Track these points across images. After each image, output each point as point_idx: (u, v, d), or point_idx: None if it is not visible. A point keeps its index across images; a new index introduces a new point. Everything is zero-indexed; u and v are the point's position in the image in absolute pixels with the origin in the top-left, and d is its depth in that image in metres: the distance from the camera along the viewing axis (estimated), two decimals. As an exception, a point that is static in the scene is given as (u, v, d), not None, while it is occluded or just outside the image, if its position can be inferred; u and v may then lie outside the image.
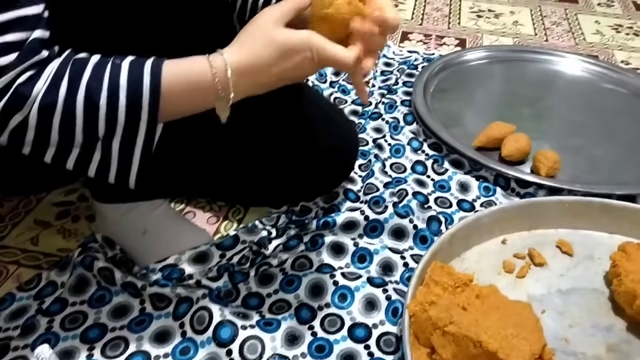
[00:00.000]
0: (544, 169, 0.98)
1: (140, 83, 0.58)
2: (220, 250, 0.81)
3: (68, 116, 0.56)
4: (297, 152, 0.86)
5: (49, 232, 0.87)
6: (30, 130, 0.56)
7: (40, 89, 0.55)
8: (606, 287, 0.80)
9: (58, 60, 0.57)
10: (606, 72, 1.32)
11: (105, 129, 0.58)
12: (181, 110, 0.62)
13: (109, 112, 0.57)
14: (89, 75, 0.57)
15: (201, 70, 0.60)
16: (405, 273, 0.82)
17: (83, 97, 0.56)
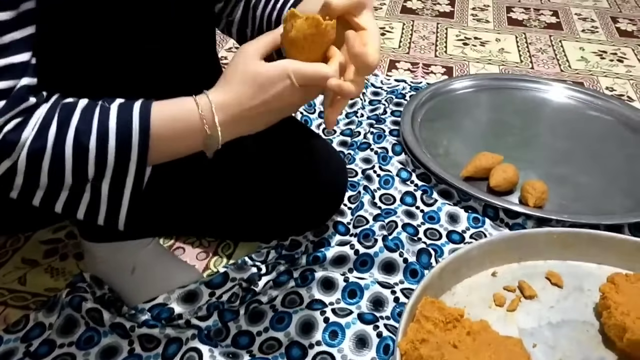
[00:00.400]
0: (532, 199, 0.98)
1: (129, 125, 0.58)
2: (209, 288, 0.80)
3: (57, 160, 0.57)
4: (286, 187, 0.86)
5: (37, 271, 0.86)
6: (19, 175, 0.56)
7: (28, 135, 0.55)
8: (596, 320, 0.80)
9: (46, 105, 0.57)
10: (591, 99, 1.34)
11: (94, 171, 0.58)
12: (171, 151, 0.62)
13: (98, 155, 0.57)
14: (78, 119, 0.57)
15: (188, 111, 0.60)
16: (396, 308, 0.81)
17: (72, 140, 0.56)
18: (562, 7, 1.97)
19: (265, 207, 0.86)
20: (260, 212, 0.86)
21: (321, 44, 0.60)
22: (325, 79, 0.59)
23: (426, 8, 1.90)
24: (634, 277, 0.82)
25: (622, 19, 1.90)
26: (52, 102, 0.58)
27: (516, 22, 1.84)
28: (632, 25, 1.86)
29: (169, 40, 0.67)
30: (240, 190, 0.84)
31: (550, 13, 1.91)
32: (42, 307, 0.78)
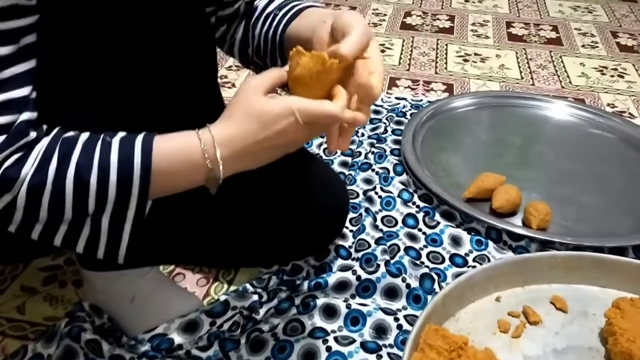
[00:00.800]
0: (535, 221, 0.98)
1: (131, 160, 0.57)
2: (210, 317, 0.79)
3: (57, 195, 0.56)
4: (286, 212, 0.85)
5: (36, 299, 0.85)
6: (18, 210, 0.56)
7: (28, 171, 0.55)
8: (602, 345, 0.79)
9: (46, 139, 0.57)
10: (593, 117, 1.33)
11: (95, 206, 0.58)
12: (172, 186, 0.62)
13: (99, 190, 0.57)
14: (79, 154, 0.57)
15: (191, 146, 0.60)
16: (399, 336, 0.80)
17: (73, 175, 0.56)
18: (561, 22, 1.97)
19: (265, 233, 0.85)
20: (260, 238, 0.85)
21: (326, 82, 0.60)
22: (331, 117, 0.58)
23: (426, 24, 1.90)
24: (639, 302, 0.81)
25: (622, 34, 1.90)
26: (53, 135, 0.57)
27: (516, 37, 1.84)
28: (632, 40, 1.86)
29: (170, 68, 0.67)
30: (240, 216, 0.83)
31: (550, 28, 1.91)
32: (41, 337, 0.77)
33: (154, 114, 0.65)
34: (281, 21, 0.76)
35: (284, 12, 0.77)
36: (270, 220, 0.85)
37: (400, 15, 1.96)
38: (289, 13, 0.76)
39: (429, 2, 2.08)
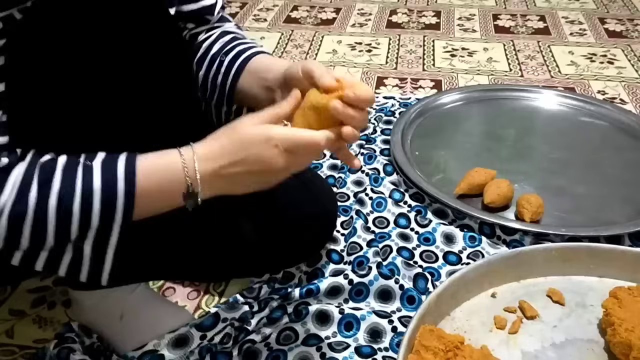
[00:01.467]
0: (528, 214, 0.96)
1: (114, 186, 0.56)
2: (200, 331, 0.78)
3: (39, 223, 0.55)
4: (275, 221, 0.84)
5: (25, 322, 0.84)
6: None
7: (7, 199, 0.53)
8: (601, 337, 0.78)
9: (22, 165, 0.55)
10: (583, 105, 1.32)
11: (78, 232, 0.57)
12: (154, 206, 0.61)
13: (82, 217, 0.56)
14: (60, 180, 0.55)
15: (172, 161, 0.59)
16: (394, 338, 0.79)
17: (55, 202, 0.55)
18: (548, 11, 1.96)
19: (254, 243, 0.84)
20: (249, 249, 0.84)
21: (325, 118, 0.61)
22: (313, 146, 0.59)
23: (412, 21, 1.89)
24: (637, 290, 0.80)
25: (610, 20, 1.89)
26: (29, 161, 0.56)
27: (503, 29, 1.82)
28: (620, 25, 1.85)
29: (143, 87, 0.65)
30: (228, 228, 0.82)
31: (537, 18, 1.90)
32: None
33: (128, 132, 0.64)
34: (229, 70, 0.76)
35: (231, 59, 0.76)
36: (258, 230, 0.84)
37: (386, 13, 1.95)
38: (236, 61, 0.76)
39: (415, -1, 2.08)
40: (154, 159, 0.60)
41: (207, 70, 0.78)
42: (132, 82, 0.63)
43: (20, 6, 0.54)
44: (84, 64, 0.59)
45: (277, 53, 1.68)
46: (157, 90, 0.66)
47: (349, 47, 1.71)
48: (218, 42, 0.79)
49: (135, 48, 0.63)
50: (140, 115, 0.65)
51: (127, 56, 0.62)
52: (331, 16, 1.94)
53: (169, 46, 0.69)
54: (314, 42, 1.75)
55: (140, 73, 0.64)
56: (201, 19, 0.79)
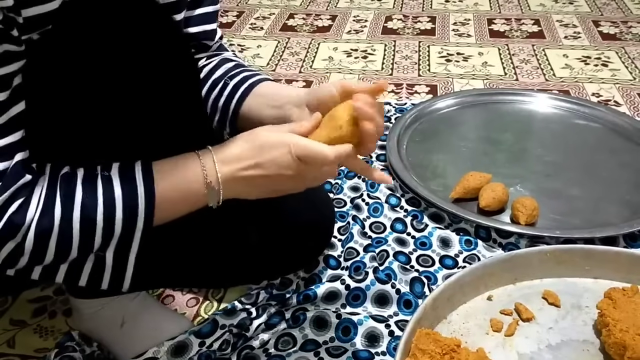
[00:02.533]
0: (523, 217, 0.97)
1: (134, 193, 0.58)
2: (199, 338, 0.79)
3: (65, 236, 0.56)
4: (274, 229, 0.85)
5: (26, 332, 0.85)
6: (25, 254, 0.56)
7: (33, 215, 0.55)
8: (596, 337, 0.79)
9: (44, 180, 0.57)
10: (578, 107, 1.33)
11: (101, 242, 0.58)
12: (174, 211, 0.63)
13: (105, 227, 0.57)
14: (82, 193, 0.57)
15: (190, 164, 0.62)
16: (391, 342, 0.80)
17: (79, 215, 0.56)
18: (543, 14, 1.97)
19: (252, 251, 0.84)
20: (247, 257, 0.85)
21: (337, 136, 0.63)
22: (323, 159, 0.61)
23: (407, 27, 1.90)
24: (631, 291, 0.81)
25: (604, 22, 1.90)
26: (49, 175, 0.57)
27: (498, 33, 1.84)
28: (614, 27, 1.86)
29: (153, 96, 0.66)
30: (226, 236, 0.82)
31: (531, 22, 1.92)
32: (31, 369, 0.77)
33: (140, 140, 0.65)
34: (234, 93, 0.78)
35: (236, 83, 0.78)
36: (257, 237, 0.85)
37: (381, 20, 1.96)
38: (241, 87, 0.78)
39: (410, 5, 2.09)
40: (172, 163, 0.62)
41: (208, 93, 0.80)
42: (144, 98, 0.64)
43: (42, 30, 0.55)
44: (98, 80, 0.60)
45: (274, 61, 1.69)
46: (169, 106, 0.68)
47: (344, 54, 1.73)
48: (221, 67, 0.81)
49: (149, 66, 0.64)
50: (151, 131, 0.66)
51: (140, 73, 0.63)
52: (327, 23, 1.95)
53: (181, 65, 0.70)
54: (310, 49, 1.76)
55: (153, 91, 0.65)
56: (200, 45, 0.80)
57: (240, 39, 1.85)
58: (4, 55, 0.53)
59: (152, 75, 0.64)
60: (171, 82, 0.66)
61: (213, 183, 0.61)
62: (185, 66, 0.69)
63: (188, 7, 0.74)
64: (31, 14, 0.53)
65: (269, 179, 0.63)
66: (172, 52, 0.66)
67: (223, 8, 2.08)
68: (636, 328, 0.74)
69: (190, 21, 0.76)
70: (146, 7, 0.62)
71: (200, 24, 0.78)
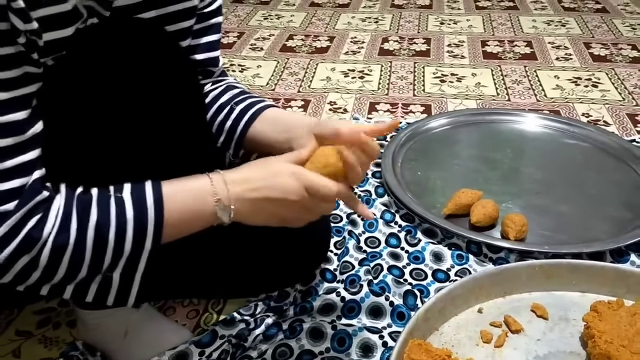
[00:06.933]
0: (512, 233, 1.00)
1: (144, 213, 0.60)
2: (199, 347, 0.82)
3: (78, 253, 0.58)
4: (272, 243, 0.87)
5: (31, 342, 0.87)
6: (38, 270, 0.57)
7: (50, 231, 0.57)
8: (582, 349, 0.81)
9: (61, 198, 0.59)
10: (568, 127, 1.37)
11: (110, 261, 0.60)
12: (182, 230, 0.65)
13: (116, 246, 0.60)
14: (97, 212, 0.59)
15: (201, 185, 0.64)
16: (385, 353, 0.83)
17: (93, 233, 0.58)
18: (535, 36, 2.02)
19: (251, 266, 0.87)
20: (246, 271, 0.88)
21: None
22: (326, 193, 0.65)
23: (403, 48, 1.95)
24: (616, 304, 0.84)
25: (595, 44, 1.95)
26: (65, 194, 0.60)
27: (491, 55, 1.89)
28: (605, 49, 1.91)
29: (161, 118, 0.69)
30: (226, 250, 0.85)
31: (524, 44, 1.97)
32: (37, 378, 0.80)
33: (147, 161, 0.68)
34: (241, 117, 0.82)
35: (243, 108, 0.82)
36: (255, 253, 0.87)
37: (378, 41, 2.01)
38: (248, 111, 0.82)
39: (406, 27, 2.14)
40: (182, 182, 0.64)
41: (214, 116, 0.83)
42: (152, 121, 0.68)
43: (56, 55, 0.59)
44: (107, 104, 0.63)
45: (273, 80, 1.74)
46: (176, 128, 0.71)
47: (342, 74, 1.77)
48: (227, 93, 0.85)
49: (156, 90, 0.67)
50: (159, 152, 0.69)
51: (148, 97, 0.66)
52: (325, 44, 2.00)
53: (188, 89, 0.74)
54: (308, 69, 1.81)
55: (161, 113, 0.68)
56: (206, 71, 0.84)
57: (240, 59, 1.89)
58: (25, 77, 0.56)
59: (160, 98, 0.67)
60: (178, 105, 0.70)
61: (223, 200, 0.63)
62: (191, 90, 0.73)
63: (194, 35, 0.78)
64: (49, 38, 0.57)
65: (274, 204, 0.65)
66: (178, 76, 0.70)
67: (224, 29, 2.13)
68: (620, 339, 0.77)
69: (196, 49, 0.80)
70: (155, 35, 0.66)
71: (206, 52, 0.82)
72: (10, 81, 0.55)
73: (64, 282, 0.60)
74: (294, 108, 1.57)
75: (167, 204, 0.62)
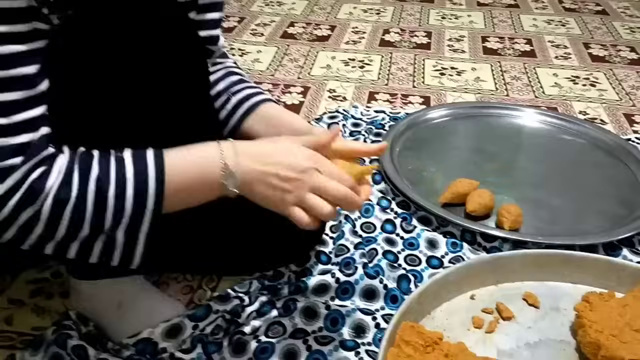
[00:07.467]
0: (507, 222, 1.01)
1: (145, 173, 0.60)
2: (193, 321, 0.82)
3: (79, 209, 0.58)
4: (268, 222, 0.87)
5: (23, 311, 0.87)
6: (40, 223, 0.57)
7: (52, 184, 0.57)
8: (572, 338, 0.82)
9: (64, 156, 0.60)
10: (565, 124, 1.38)
11: (112, 220, 0.60)
12: (187, 198, 0.64)
13: (117, 202, 0.59)
14: (97, 169, 0.59)
15: (208, 151, 0.64)
16: (377, 334, 0.83)
17: (94, 189, 0.58)
18: (535, 35, 2.03)
19: (246, 245, 0.87)
20: (242, 250, 0.88)
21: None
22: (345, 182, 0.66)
23: (404, 40, 1.95)
24: (608, 296, 0.85)
25: (594, 45, 1.96)
26: (69, 152, 0.60)
27: (491, 51, 1.89)
28: (603, 50, 1.92)
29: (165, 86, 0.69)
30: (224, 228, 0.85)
31: (524, 41, 1.97)
32: (29, 346, 0.79)
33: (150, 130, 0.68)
34: (236, 109, 0.82)
35: (240, 100, 0.83)
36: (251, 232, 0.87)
37: (379, 33, 2.01)
38: (244, 104, 0.83)
39: (407, 19, 2.14)
40: (188, 148, 0.64)
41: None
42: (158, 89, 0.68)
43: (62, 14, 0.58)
44: (113, 68, 0.63)
45: (273, 66, 1.74)
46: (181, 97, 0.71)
47: (342, 63, 1.77)
48: (225, 80, 0.85)
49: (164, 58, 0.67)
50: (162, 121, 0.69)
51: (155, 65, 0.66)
52: (326, 33, 2.00)
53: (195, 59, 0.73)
54: (309, 57, 1.81)
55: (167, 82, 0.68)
56: (206, 50, 0.83)
57: (240, 43, 1.89)
58: (34, 32, 0.56)
59: (167, 67, 0.67)
60: (184, 74, 0.70)
61: (230, 167, 0.63)
62: (198, 62, 0.73)
63: (197, 11, 0.78)
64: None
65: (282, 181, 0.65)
66: (186, 46, 0.69)
67: (225, 13, 2.12)
68: (610, 329, 0.78)
69: (197, 25, 0.79)
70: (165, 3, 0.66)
71: (207, 29, 0.82)
72: (22, 35, 0.55)
73: (67, 240, 0.60)
74: (293, 94, 1.57)
75: (169, 164, 0.61)
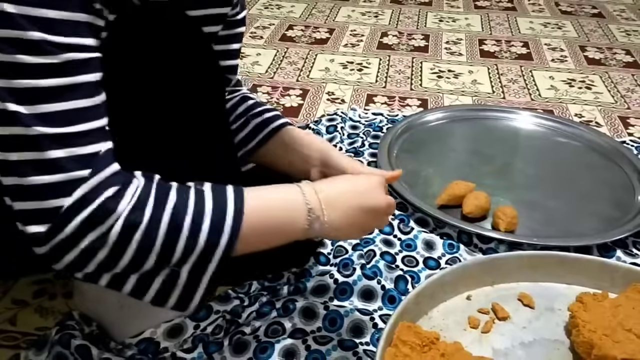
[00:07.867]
0: (503, 224, 1.03)
1: (224, 208, 0.58)
2: (194, 321, 0.83)
3: (149, 237, 0.55)
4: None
5: (27, 311, 0.89)
6: (105, 248, 0.54)
7: (125, 206, 0.54)
8: (566, 338, 0.84)
9: (139, 180, 0.57)
10: (560, 126, 1.40)
11: (181, 254, 0.57)
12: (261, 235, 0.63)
13: (190, 235, 0.56)
14: (175, 197, 0.57)
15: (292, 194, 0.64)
16: (375, 334, 0.85)
17: (168, 217, 0.56)
18: (532, 38, 2.05)
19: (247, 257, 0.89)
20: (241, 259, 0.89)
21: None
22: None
23: (401, 43, 1.97)
24: (601, 296, 0.86)
25: (590, 48, 1.98)
26: (145, 176, 0.58)
27: (488, 54, 1.91)
28: (599, 53, 1.94)
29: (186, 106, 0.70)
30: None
31: (521, 44, 1.99)
32: (32, 346, 0.81)
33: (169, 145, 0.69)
34: (254, 135, 0.84)
35: (259, 125, 0.85)
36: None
37: (377, 35, 2.03)
38: (265, 128, 0.85)
39: (405, 22, 2.16)
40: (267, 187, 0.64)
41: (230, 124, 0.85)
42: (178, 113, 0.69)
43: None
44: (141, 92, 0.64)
45: (272, 69, 1.75)
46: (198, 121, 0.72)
47: (340, 66, 1.79)
48: (243, 104, 0.87)
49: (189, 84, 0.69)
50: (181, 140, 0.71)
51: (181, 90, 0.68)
52: (325, 36, 2.02)
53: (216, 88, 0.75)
54: (307, 59, 1.82)
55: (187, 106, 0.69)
56: (224, 78, 0.85)
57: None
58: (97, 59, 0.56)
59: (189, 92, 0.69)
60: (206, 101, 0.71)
61: (314, 209, 0.63)
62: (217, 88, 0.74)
63: (218, 41, 0.79)
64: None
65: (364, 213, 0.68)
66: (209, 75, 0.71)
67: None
68: (603, 329, 0.79)
69: (219, 55, 0.80)
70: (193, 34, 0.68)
71: (228, 59, 0.84)
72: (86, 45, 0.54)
73: (129, 270, 0.57)
74: (292, 97, 1.59)
75: (249, 201, 0.59)
